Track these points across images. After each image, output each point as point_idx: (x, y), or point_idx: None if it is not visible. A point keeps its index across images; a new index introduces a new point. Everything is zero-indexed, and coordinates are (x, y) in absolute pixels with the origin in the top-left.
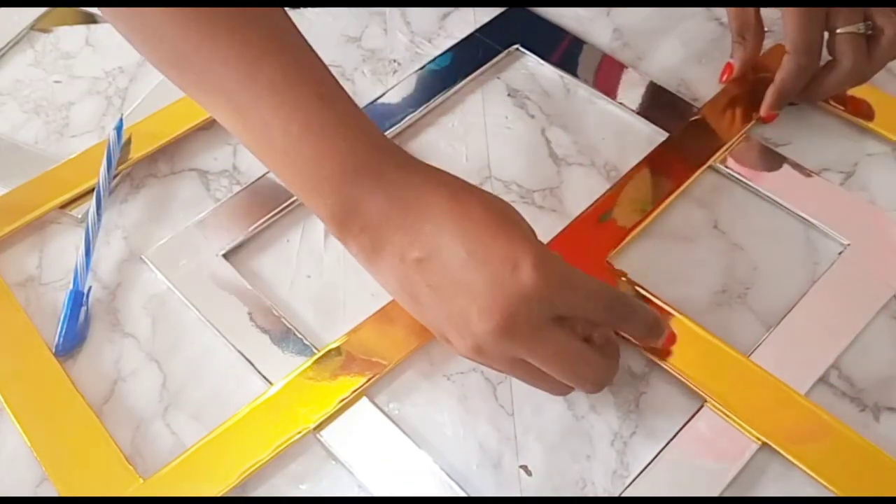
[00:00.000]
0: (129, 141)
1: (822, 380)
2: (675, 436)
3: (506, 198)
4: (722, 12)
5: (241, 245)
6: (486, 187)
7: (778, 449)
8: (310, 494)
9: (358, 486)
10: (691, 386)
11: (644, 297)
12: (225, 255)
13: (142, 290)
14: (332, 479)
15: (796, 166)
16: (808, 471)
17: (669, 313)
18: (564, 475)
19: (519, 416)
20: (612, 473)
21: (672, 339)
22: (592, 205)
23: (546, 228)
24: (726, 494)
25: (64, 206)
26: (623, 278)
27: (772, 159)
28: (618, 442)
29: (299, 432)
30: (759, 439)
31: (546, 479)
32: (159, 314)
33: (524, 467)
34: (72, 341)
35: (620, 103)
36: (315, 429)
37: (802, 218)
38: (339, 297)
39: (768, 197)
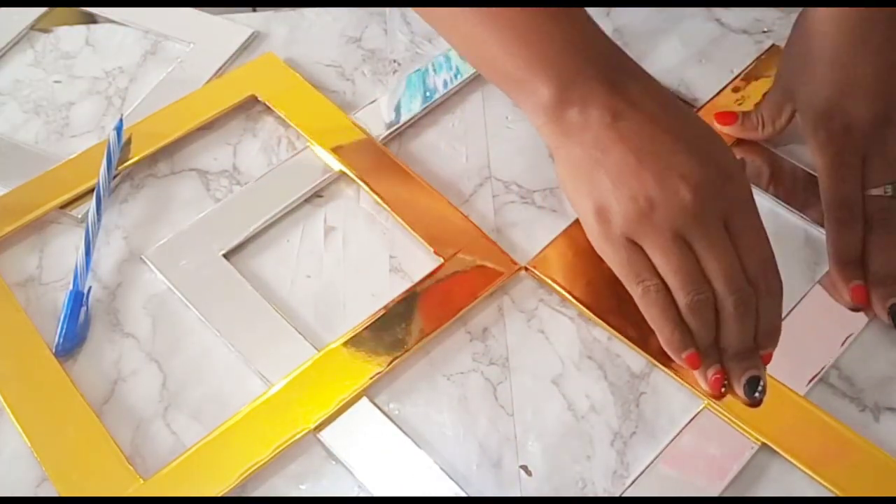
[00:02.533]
0: (129, 141)
1: (822, 380)
2: (675, 436)
3: (506, 198)
4: (722, 12)
5: (242, 245)
6: (486, 187)
7: (777, 449)
8: (310, 494)
9: (358, 486)
10: (691, 388)
11: None
12: (225, 255)
13: (142, 290)
14: (332, 479)
15: (795, 167)
16: (808, 471)
17: None
18: (564, 475)
19: (519, 416)
20: (612, 473)
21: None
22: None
23: (546, 228)
24: (726, 495)
25: (64, 206)
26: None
27: (772, 160)
28: (618, 442)
29: (299, 432)
30: (758, 440)
31: (546, 479)
32: (159, 314)
33: (524, 467)
34: (72, 342)
35: None
36: (315, 429)
37: (803, 218)
38: (339, 297)
39: (768, 197)
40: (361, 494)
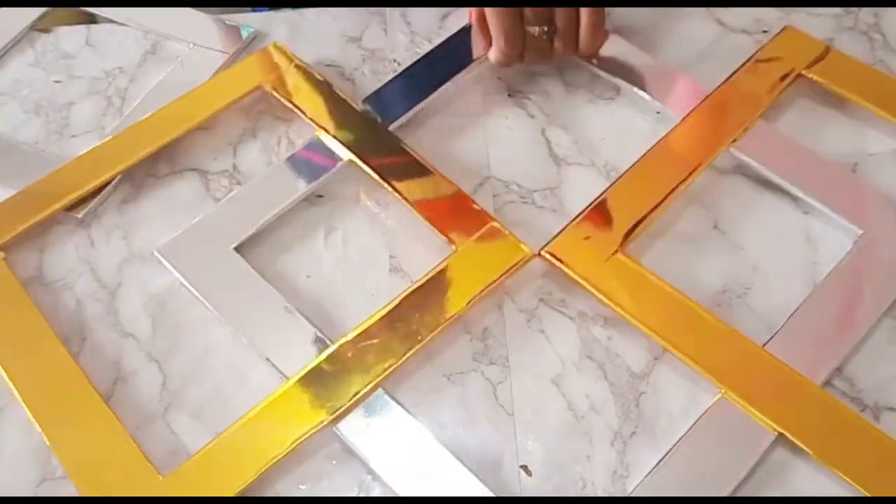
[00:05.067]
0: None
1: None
2: (692, 426)
3: (505, 198)
4: (722, 12)
5: (244, 245)
6: (486, 187)
7: (794, 439)
8: (327, 489)
9: (375, 479)
10: (703, 375)
11: (656, 289)
12: (235, 250)
13: (142, 289)
14: (349, 472)
15: (804, 152)
16: (823, 461)
17: (681, 301)
18: (564, 475)
19: (519, 416)
20: (612, 473)
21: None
22: (592, 205)
23: (546, 228)
24: (744, 483)
25: (68, 209)
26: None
27: (777, 147)
28: (618, 442)
29: (315, 427)
30: (775, 430)
31: (546, 479)
32: (159, 314)
33: (524, 467)
34: None
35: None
36: (331, 422)
37: (802, 217)
38: (338, 297)
39: (768, 197)
40: (380, 488)
